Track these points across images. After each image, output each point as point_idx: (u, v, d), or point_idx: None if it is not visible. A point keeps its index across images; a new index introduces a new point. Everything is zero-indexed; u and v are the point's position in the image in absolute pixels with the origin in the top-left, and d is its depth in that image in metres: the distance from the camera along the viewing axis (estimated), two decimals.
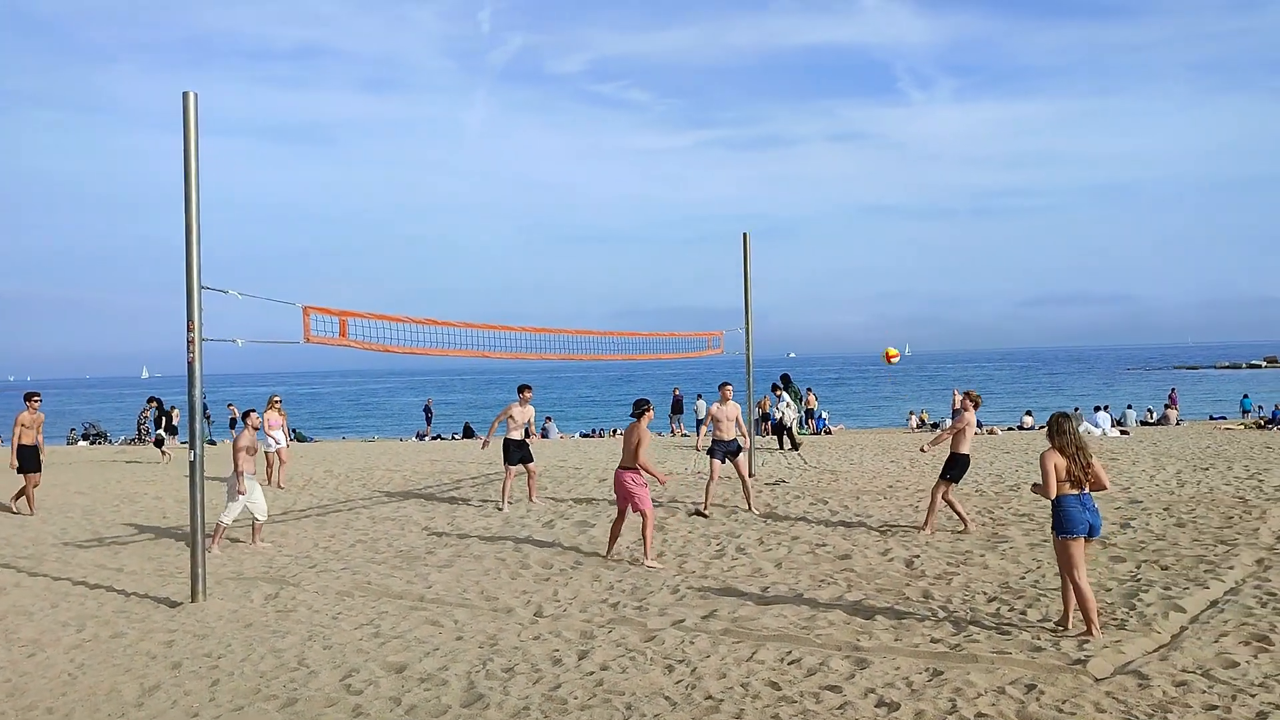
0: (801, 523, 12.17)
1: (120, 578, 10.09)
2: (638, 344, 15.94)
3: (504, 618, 8.15)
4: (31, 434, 14.60)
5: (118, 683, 6.73)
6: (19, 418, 14.61)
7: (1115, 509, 12.46)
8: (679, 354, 16.92)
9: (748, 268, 17.12)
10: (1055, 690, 5.92)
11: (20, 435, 14.53)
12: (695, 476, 17.18)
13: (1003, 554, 9.98)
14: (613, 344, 15.31)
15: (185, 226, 8.61)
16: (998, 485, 15.30)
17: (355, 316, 10.40)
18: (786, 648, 7.02)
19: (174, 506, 15.06)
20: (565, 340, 14.12)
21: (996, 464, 18.60)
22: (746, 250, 17.13)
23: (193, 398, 8.72)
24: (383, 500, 15.41)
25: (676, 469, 18.66)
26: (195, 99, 8.65)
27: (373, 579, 9.71)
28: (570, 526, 12.37)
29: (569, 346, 14.21)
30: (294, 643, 7.53)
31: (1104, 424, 27.64)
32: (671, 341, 16.69)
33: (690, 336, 17.06)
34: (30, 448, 14.56)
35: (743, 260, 17.12)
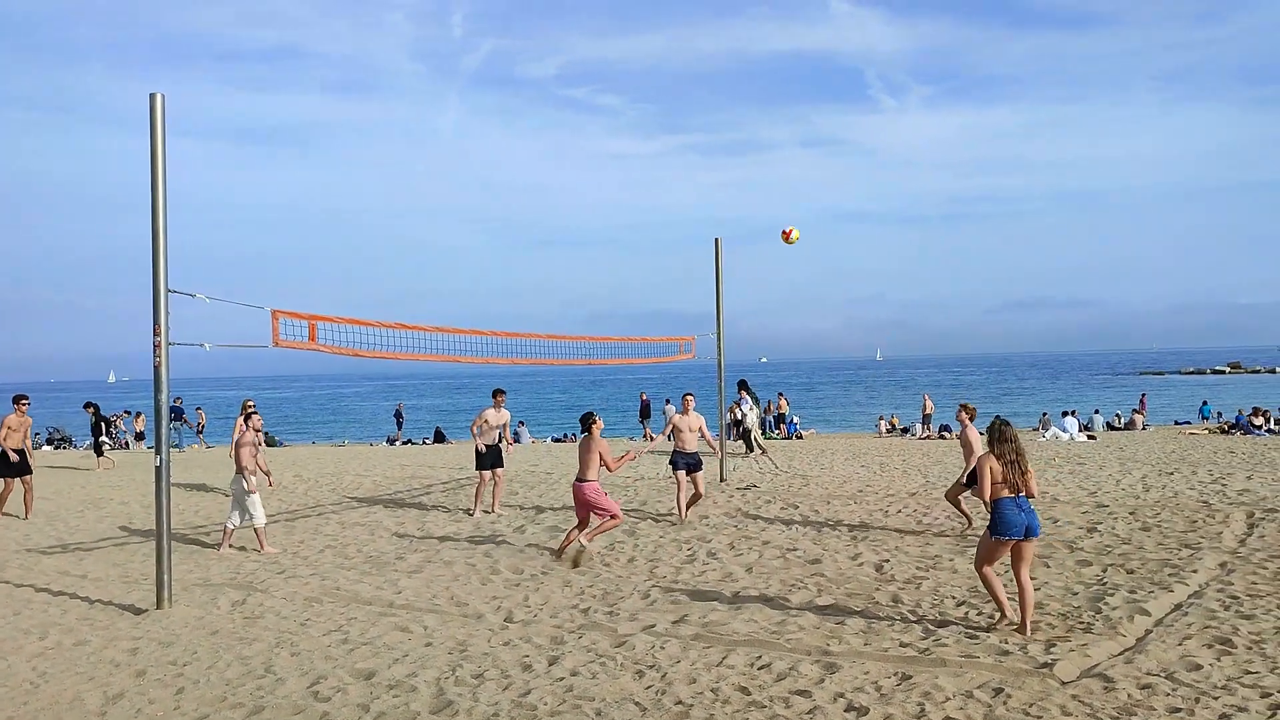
0: (772, 527, 12.20)
1: (84, 584, 9.96)
2: (610, 349, 15.93)
3: (474, 623, 8.11)
4: (18, 437, 14.36)
5: (81, 691, 6.64)
6: (5, 421, 14.33)
7: (1082, 513, 12.59)
8: (651, 359, 16.92)
9: (719, 273, 17.16)
10: (1022, 694, 5.97)
11: (6, 438, 14.23)
12: (666, 481, 17.18)
13: (971, 558, 10.03)
14: (585, 349, 15.29)
15: (152, 229, 8.52)
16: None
17: (325, 320, 10.34)
18: (757, 652, 7.03)
19: (140, 512, 14.89)
20: (537, 345, 14.09)
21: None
22: (718, 255, 17.17)
23: (159, 402, 8.62)
24: (352, 505, 15.30)
25: (648, 474, 18.65)
26: (163, 100, 8.57)
27: (342, 585, 9.64)
28: (541, 531, 12.34)
29: (540, 351, 14.18)
30: (261, 650, 7.46)
31: (1072, 429, 27.92)
32: (643, 346, 16.69)
33: (662, 341, 17.08)
34: (17, 452, 14.32)
35: (714, 265, 17.16)
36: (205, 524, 13.81)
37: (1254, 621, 7.41)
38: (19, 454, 14.36)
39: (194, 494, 17.09)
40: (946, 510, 12.92)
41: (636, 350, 16.54)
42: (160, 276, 8.54)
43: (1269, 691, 5.90)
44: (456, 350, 12.44)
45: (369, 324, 10.93)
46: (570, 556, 10.44)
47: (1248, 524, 11.57)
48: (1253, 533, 11.02)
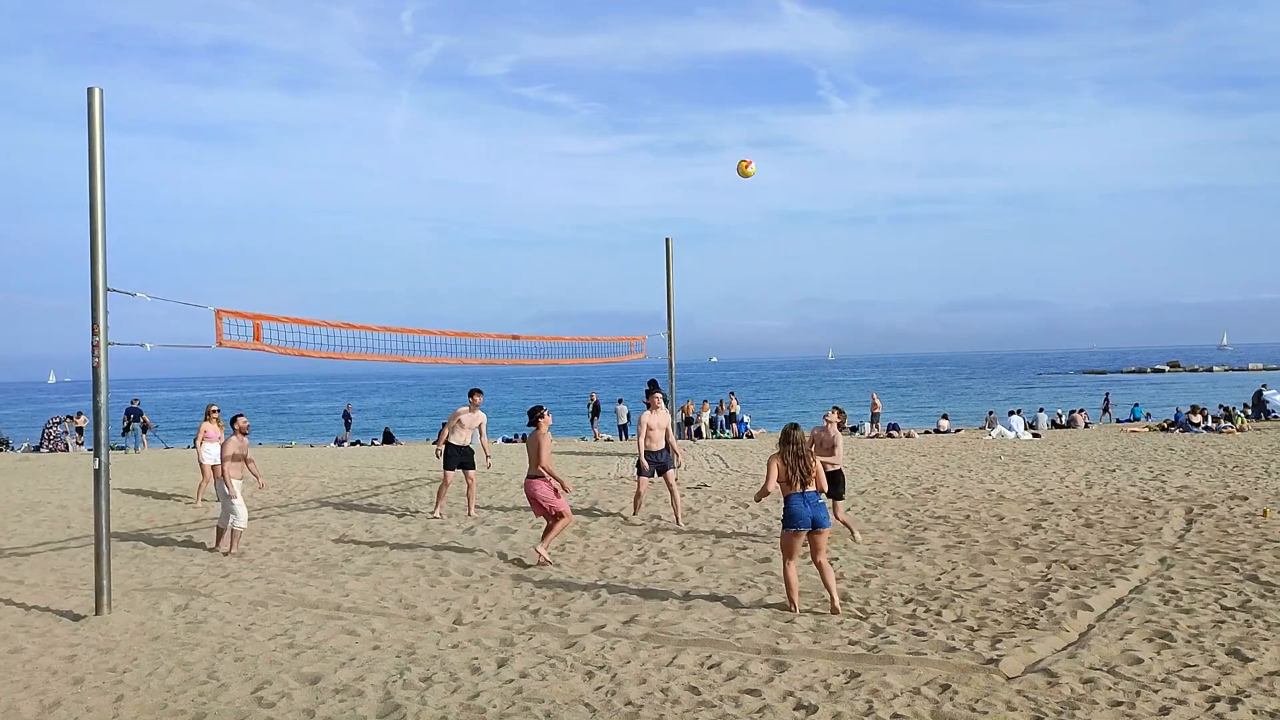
0: (723, 526, 12.23)
1: (20, 590, 9.71)
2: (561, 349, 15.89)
3: (422, 626, 8.03)
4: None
5: (15, 700, 6.46)
6: None
7: (1027, 510, 12.78)
8: (602, 359, 16.91)
9: (670, 272, 17.19)
10: (968, 690, 6.03)
11: None
12: (618, 481, 17.16)
13: (919, 556, 10.15)
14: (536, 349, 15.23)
15: (90, 226, 8.33)
16: (914, 488, 15.58)
17: (270, 320, 10.19)
18: (707, 652, 7.04)
19: (79, 515, 14.56)
20: (487, 344, 14.01)
21: (913, 467, 18.94)
22: (669, 255, 17.20)
23: (97, 403, 8.44)
24: (299, 507, 15.09)
25: (599, 474, 18.63)
26: (101, 95, 8.39)
27: (288, 588, 9.50)
28: (491, 533, 12.25)
29: (491, 351, 14.10)
30: (204, 655, 7.32)
31: (1017, 427, 28.35)
32: (594, 346, 16.67)
33: (613, 341, 17.08)
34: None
35: (665, 265, 17.18)
36: (147, 527, 13.53)
37: (1192, 615, 7.57)
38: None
39: (135, 497, 16.74)
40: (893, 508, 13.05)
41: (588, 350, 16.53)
42: (99, 275, 8.36)
43: (1207, 684, 6.02)
44: (405, 350, 12.33)
45: (315, 324, 10.80)
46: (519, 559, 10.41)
47: (1186, 520, 11.83)
48: (1191, 528, 11.26)
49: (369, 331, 11.66)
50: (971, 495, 14.48)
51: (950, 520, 12.21)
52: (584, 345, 16.43)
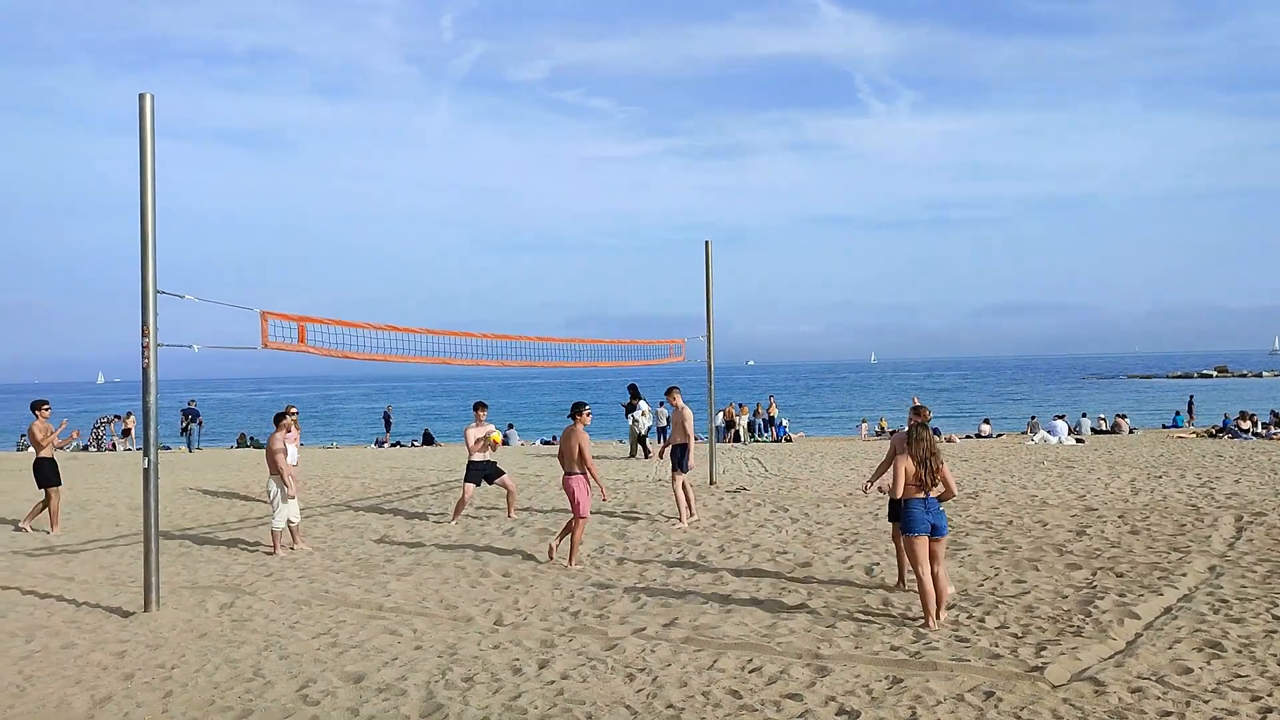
0: (762, 530, 12.20)
1: (71, 587, 9.89)
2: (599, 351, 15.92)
3: (463, 627, 8.08)
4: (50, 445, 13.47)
5: (68, 695, 6.58)
6: (32, 429, 13.53)
7: (1071, 516, 12.62)
8: (642, 361, 16.93)
9: (709, 276, 17.17)
10: (1013, 697, 5.97)
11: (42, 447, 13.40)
12: (656, 484, 17.17)
13: (961, 562, 10.06)
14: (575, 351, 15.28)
15: (141, 230, 8.48)
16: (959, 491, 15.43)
17: (314, 322, 10.30)
18: (747, 656, 7.02)
19: (127, 514, 14.81)
20: (527, 347, 14.07)
21: (955, 472, 18.77)
22: (709, 258, 17.18)
23: (147, 404, 8.58)
24: (341, 508, 15.25)
25: (638, 476, 18.65)
26: (152, 101, 8.53)
27: (330, 587, 9.60)
28: (530, 534, 12.31)
29: (531, 353, 14.16)
30: (250, 653, 7.42)
31: (1061, 432, 28.00)
32: (634, 349, 16.69)
33: (653, 344, 17.09)
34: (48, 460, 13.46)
35: (705, 268, 17.16)
36: (193, 526, 13.74)
37: (1243, 625, 7.44)
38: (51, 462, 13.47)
39: (182, 496, 17.00)
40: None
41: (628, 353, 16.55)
42: (149, 277, 8.50)
43: (1259, 695, 5.92)
44: (446, 352, 12.41)
45: (358, 326, 10.90)
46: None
47: (1236, 527, 11.62)
48: (1241, 536, 11.06)
49: (410, 334, 11.75)
50: (1014, 501, 14.32)
51: (992, 526, 12.09)
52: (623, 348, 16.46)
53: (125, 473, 21.31)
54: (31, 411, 13.64)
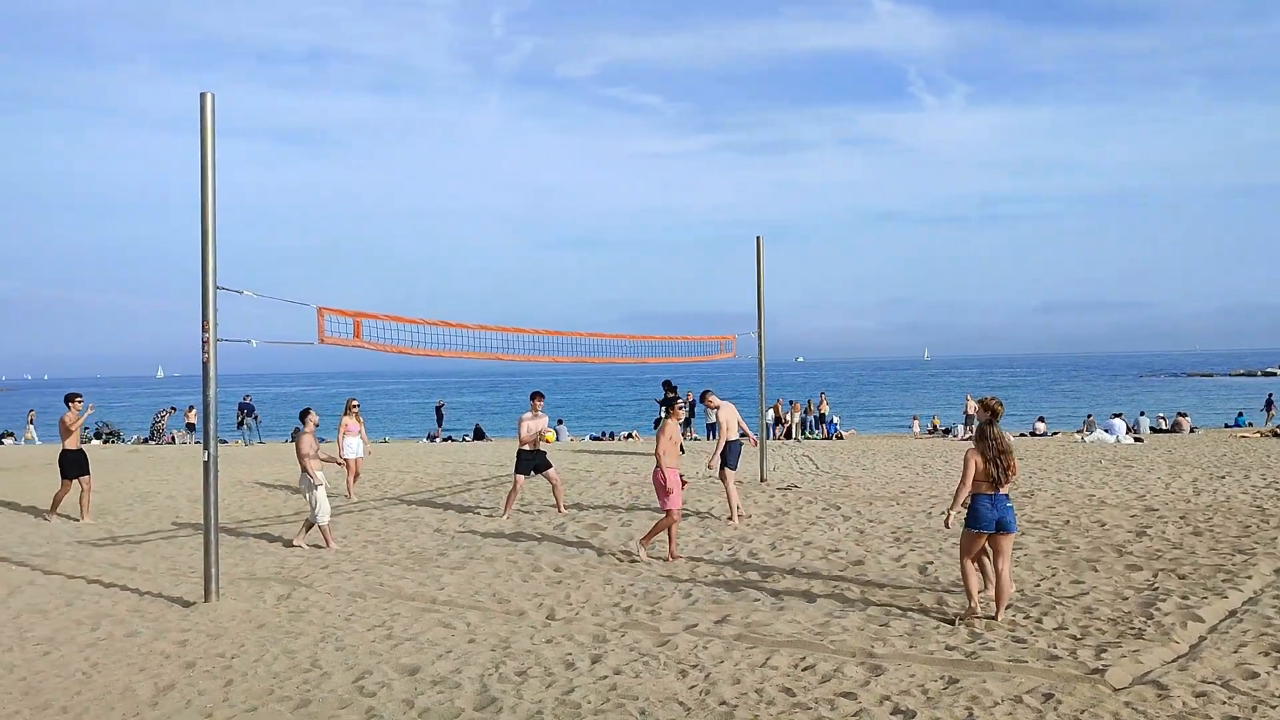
0: (814, 528, 12.13)
1: (134, 576, 10.11)
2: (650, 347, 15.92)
3: (516, 620, 8.13)
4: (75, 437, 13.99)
5: (132, 682, 6.73)
6: (63, 420, 13.97)
7: (1130, 516, 12.39)
8: (692, 357, 16.90)
9: (761, 271, 17.08)
10: (1073, 700, 5.87)
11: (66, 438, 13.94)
12: (707, 480, 17.14)
13: (1017, 561, 9.91)
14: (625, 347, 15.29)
15: (201, 226, 8.62)
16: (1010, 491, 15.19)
17: (369, 318, 10.41)
18: (801, 653, 6.98)
19: (187, 506, 15.10)
20: (577, 343, 14.11)
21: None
22: (760, 254, 17.09)
23: (207, 397, 8.73)
24: (394, 501, 15.42)
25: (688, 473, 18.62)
26: (213, 99, 8.67)
27: (385, 580, 9.70)
28: (581, 529, 12.35)
29: (581, 349, 14.20)
30: (307, 644, 7.53)
31: (1118, 431, 27.48)
32: (684, 345, 16.67)
33: (703, 340, 17.04)
34: (73, 452, 13.95)
35: (756, 264, 17.08)
36: (250, 518, 13.97)
37: None
38: (78, 453, 14.02)
39: (239, 489, 17.29)
40: None
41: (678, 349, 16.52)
42: (209, 273, 8.64)
43: None
44: (497, 348, 12.47)
45: (412, 321, 11.00)
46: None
47: None
48: None
49: (463, 330, 11.83)
50: (1071, 500, 14.09)
51: (1049, 525, 11.91)
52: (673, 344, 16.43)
53: (185, 465, 21.72)
54: (65, 404, 14.14)
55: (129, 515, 14.35)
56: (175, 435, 36.79)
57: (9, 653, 7.50)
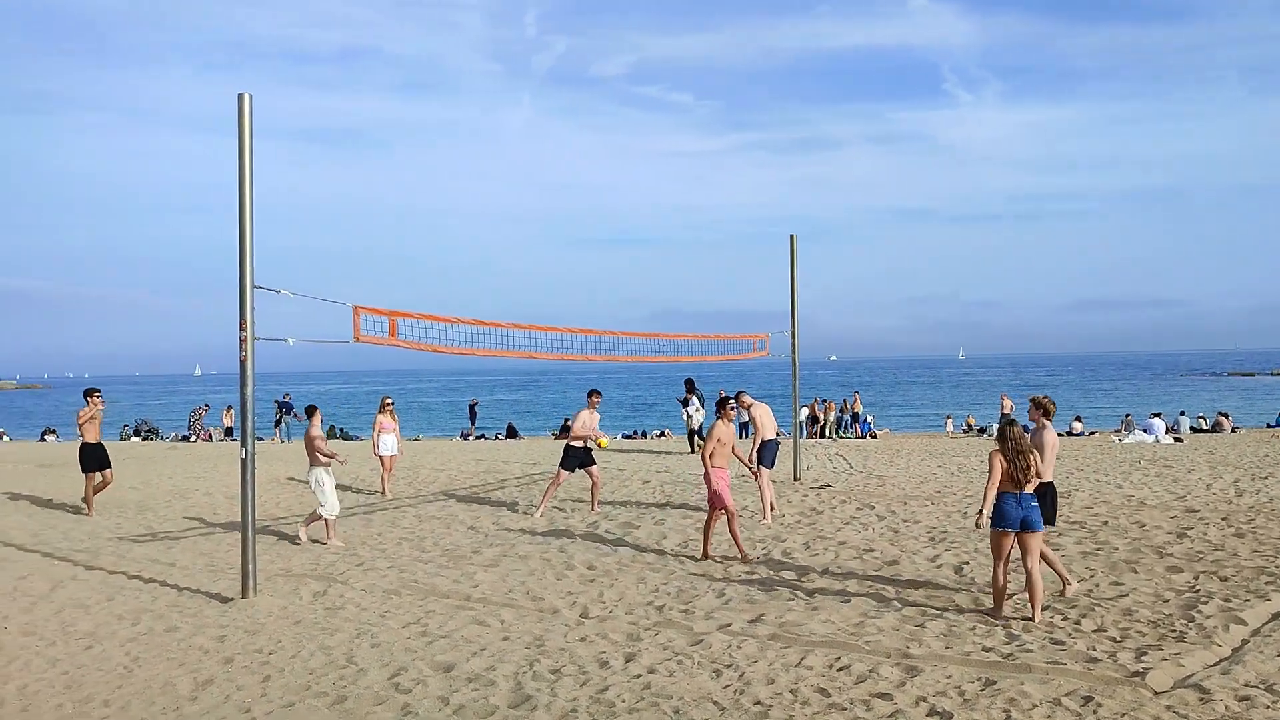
0: (848, 527, 12.06)
1: (173, 572, 10.23)
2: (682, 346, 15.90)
3: (550, 619, 8.15)
4: (93, 430, 14.33)
5: (172, 676, 6.81)
6: (79, 414, 14.38)
7: (1171, 518, 12.22)
8: (724, 356, 16.85)
9: (794, 270, 17.01)
10: (1113, 703, 5.79)
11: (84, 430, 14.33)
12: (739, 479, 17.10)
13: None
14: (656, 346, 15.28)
15: (239, 226, 8.70)
16: None
17: (404, 316, 10.47)
18: (835, 654, 6.94)
19: (224, 503, 15.26)
20: (609, 341, 14.12)
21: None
22: (793, 252, 17.02)
23: (245, 395, 8.81)
24: (428, 499, 15.50)
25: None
26: (250, 101, 8.75)
27: (419, 578, 9.76)
28: (615, 528, 12.36)
29: (612, 348, 14.20)
30: (343, 640, 7.59)
31: (1158, 430, 27.11)
32: (716, 344, 16.63)
33: (736, 339, 16.99)
34: (91, 445, 14.29)
35: (790, 262, 17.01)
36: (286, 515, 14.09)
37: None
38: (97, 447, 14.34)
39: (275, 486, 17.44)
40: None
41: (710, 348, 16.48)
42: (246, 273, 8.73)
43: None
44: (529, 346, 12.50)
45: (446, 320, 11.06)
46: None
47: None
48: None
49: (495, 328, 11.87)
50: (1109, 500, 13.91)
51: (1087, 526, 11.76)
52: (706, 343, 16.39)
53: (222, 463, 21.95)
54: (84, 399, 14.46)
55: (167, 512, 14.53)
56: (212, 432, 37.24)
57: (52, 646, 7.63)
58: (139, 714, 6.14)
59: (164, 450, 27.65)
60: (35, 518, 14.05)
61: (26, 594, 9.36)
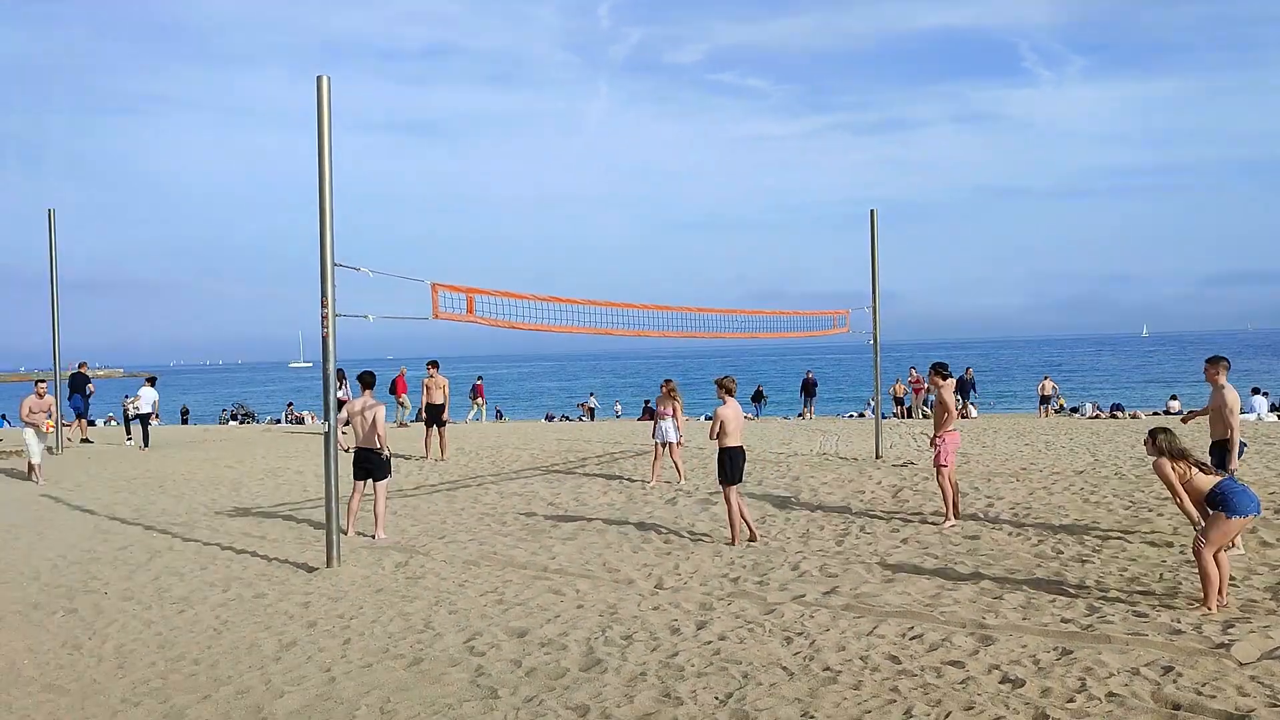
0: (930, 504, 11.89)
1: (263, 544, 10.58)
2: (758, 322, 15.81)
3: (624, 589, 8.22)
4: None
5: (258, 638, 7.07)
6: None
7: (1270, 495, 11.77)
8: (803, 332, 16.70)
9: (875, 245, 16.76)
10: (1194, 673, 5.63)
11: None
12: (820, 457, 16.97)
13: (1143, 538, 9.54)
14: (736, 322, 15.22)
15: (319, 205, 8.94)
16: (1139, 469, 14.61)
17: (481, 294, 10.62)
18: (909, 624, 6.88)
19: (314, 481, 15.67)
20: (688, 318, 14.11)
21: (1138, 449, 17.75)
22: (874, 227, 16.77)
23: (326, 371, 9.05)
24: (510, 476, 15.73)
25: (801, 450, 18.48)
26: (328, 82, 8.97)
27: (498, 549, 9.93)
28: (693, 504, 12.39)
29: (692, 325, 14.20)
30: (421, 607, 7.77)
31: (1260, 408, 26.08)
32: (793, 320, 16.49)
33: (814, 315, 16.82)
34: None
35: (870, 236, 16.77)
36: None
37: None
38: None
39: None
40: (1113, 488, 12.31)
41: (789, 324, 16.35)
42: (327, 251, 8.96)
43: None
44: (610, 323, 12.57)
45: (523, 297, 11.19)
46: None
47: None
48: None
49: (571, 304, 11.97)
50: None
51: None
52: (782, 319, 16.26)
53: (314, 444, 22.55)
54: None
55: (259, 489, 15.01)
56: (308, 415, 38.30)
57: (148, 610, 7.98)
58: (226, 671, 6.40)
59: (259, 432, 28.51)
60: (139, 494, 14.64)
61: (126, 563, 9.80)
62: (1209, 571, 6.92)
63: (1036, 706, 5.26)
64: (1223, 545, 7.07)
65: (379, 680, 6.14)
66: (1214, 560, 6.96)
